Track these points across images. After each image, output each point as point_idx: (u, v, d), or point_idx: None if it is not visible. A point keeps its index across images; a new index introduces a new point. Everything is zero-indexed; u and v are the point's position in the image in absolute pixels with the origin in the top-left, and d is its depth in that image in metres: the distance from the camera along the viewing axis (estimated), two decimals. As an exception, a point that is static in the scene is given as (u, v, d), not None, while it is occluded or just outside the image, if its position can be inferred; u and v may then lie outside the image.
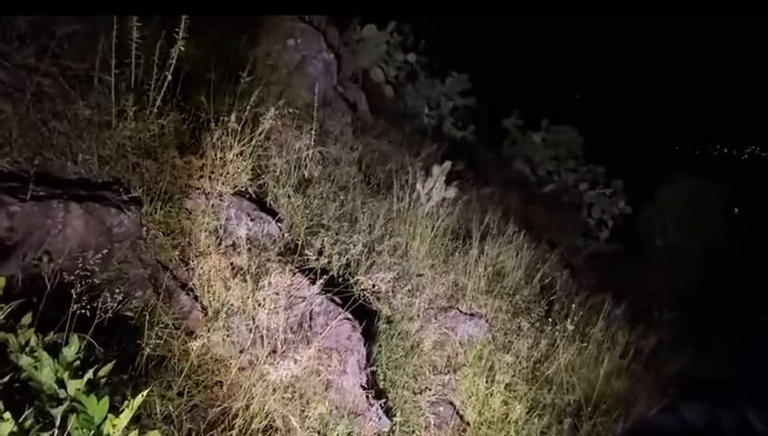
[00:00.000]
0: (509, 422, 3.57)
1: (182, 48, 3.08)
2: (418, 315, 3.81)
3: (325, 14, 5.92)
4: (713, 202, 10.19)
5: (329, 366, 2.81)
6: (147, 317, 2.39)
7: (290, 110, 3.79)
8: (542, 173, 8.74)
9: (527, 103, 9.34)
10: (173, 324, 2.56)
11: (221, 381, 2.57)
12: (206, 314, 2.72)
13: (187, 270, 2.84)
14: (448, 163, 4.70)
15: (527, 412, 3.69)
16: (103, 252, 2.39)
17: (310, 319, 2.96)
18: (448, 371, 3.69)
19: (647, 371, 5.20)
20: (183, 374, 2.43)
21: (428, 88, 7.69)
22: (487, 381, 3.64)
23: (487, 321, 4.06)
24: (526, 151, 8.81)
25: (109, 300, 2.10)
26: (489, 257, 4.49)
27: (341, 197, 4.07)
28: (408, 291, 3.84)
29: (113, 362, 1.76)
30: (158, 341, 2.40)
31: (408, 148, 5.70)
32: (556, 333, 4.27)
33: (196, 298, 2.73)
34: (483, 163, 7.45)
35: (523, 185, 8.02)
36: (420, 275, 4.09)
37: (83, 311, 1.96)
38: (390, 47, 6.99)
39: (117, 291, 2.19)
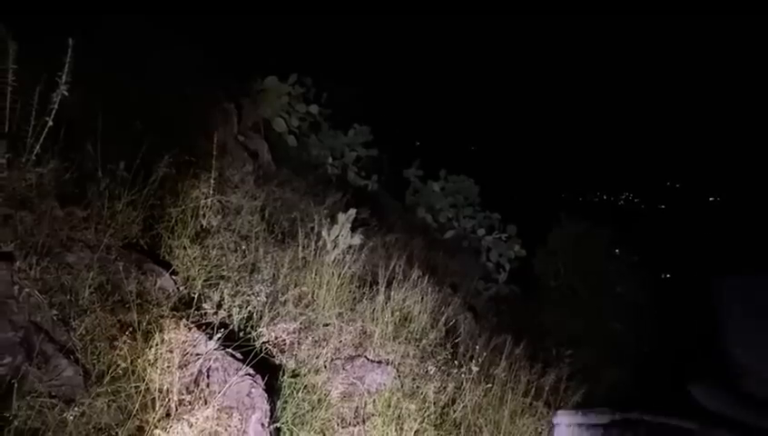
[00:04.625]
0: (420, 471, 3.51)
1: (66, 93, 2.90)
2: (325, 366, 3.71)
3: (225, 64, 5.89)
4: (597, 244, 11.04)
5: (228, 426, 2.63)
6: (16, 386, 2.12)
7: (187, 158, 3.66)
8: (443, 219, 9.05)
9: (427, 153, 9.75)
10: (49, 392, 2.29)
11: (104, 454, 2.31)
12: (88, 378, 2.46)
13: (67, 330, 2.58)
14: (352, 211, 4.74)
15: (437, 459, 3.66)
16: (-36, 314, 2.12)
17: (208, 377, 2.78)
18: (357, 423, 3.59)
19: (548, 407, 5.38)
20: (59, 449, 2.16)
21: (331, 139, 7.80)
22: (396, 430, 3.58)
23: (395, 367, 4.04)
24: (427, 199, 9.12)
25: (-32, 368, 1.84)
26: (396, 302, 4.51)
27: (243, 247, 3.94)
28: (314, 341, 3.74)
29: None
30: (29, 412, 2.13)
31: (313, 197, 5.68)
32: (462, 375, 4.33)
33: (77, 361, 2.47)
34: (387, 211, 7.59)
35: (425, 232, 8.24)
36: (327, 325, 4.01)
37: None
38: (292, 99, 7.06)
39: (-21, 357, 1.93)
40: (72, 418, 2.22)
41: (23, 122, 2.90)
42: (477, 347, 4.69)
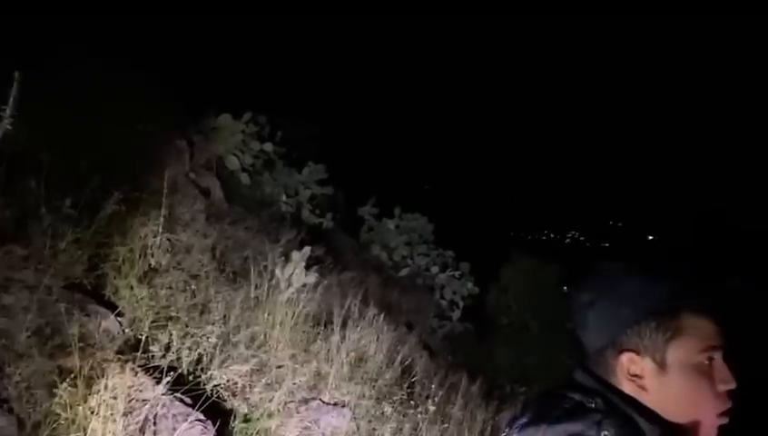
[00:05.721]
0: None
1: (9, 127, 2.80)
2: (279, 410, 3.59)
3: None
4: (547, 281, 11.32)
5: (176, 477, 2.49)
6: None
7: (137, 195, 3.56)
8: (397, 257, 9.09)
9: (381, 192, 9.84)
10: (-23, 447, 2.11)
11: None
12: (23, 429, 2.29)
13: (1, 378, 2.40)
14: (307, 249, 4.70)
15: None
16: None
17: (155, 424, 2.64)
18: (312, 468, 3.47)
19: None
20: (-13, 509, 1.98)
21: (285, 177, 7.77)
22: (352, 475, 3.48)
23: (350, 409, 3.95)
24: (382, 237, 9.16)
25: None
26: (351, 342, 4.45)
27: (193, 287, 3.83)
28: (267, 384, 3.63)
29: None
30: (-47, 470, 1.95)
31: (266, 235, 5.61)
32: (419, 416, 4.28)
33: (11, 410, 2.30)
34: (342, 249, 7.56)
35: (380, 269, 8.24)
36: (280, 366, 3.90)
37: None
38: (246, 136, 7.03)
39: None
40: (3, 474, 2.05)
41: (-40, 156, 2.77)
42: (433, 386, 4.66)
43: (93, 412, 2.45)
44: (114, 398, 2.55)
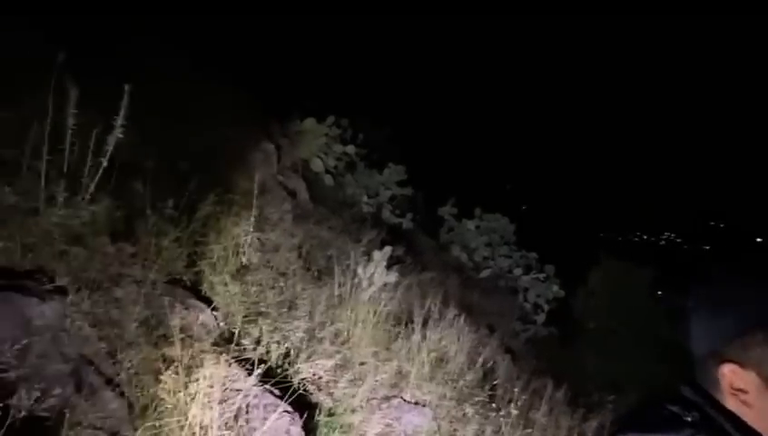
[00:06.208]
0: None
1: (120, 135, 3.07)
2: (361, 406, 3.67)
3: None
4: (638, 285, 10.73)
5: (267, 464, 2.62)
6: (66, 416, 2.17)
7: (229, 196, 3.78)
8: (478, 258, 8.98)
9: (461, 192, 9.76)
10: (95, 424, 2.34)
11: (146, 488, 2.33)
12: (133, 411, 2.51)
13: (113, 363, 2.65)
14: (388, 249, 4.76)
15: (476, 506, 3.53)
16: (20, 345, 2.20)
17: (247, 412, 2.79)
18: (394, 465, 3.52)
19: (592, 455, 5.16)
20: (103, 481, 2.19)
21: (366, 178, 7.92)
22: (433, 474, 3.50)
23: (431, 409, 3.96)
24: (462, 238, 9.08)
25: (24, 398, 1.91)
26: (432, 342, 4.46)
27: (281, 284, 4.00)
28: (350, 380, 3.72)
29: (23, 469, 1.58)
30: (77, 444, 2.18)
31: (349, 235, 5.75)
32: (501, 419, 4.21)
33: (122, 394, 2.53)
34: (422, 249, 7.59)
35: (460, 271, 8.18)
36: (363, 363, 3.99)
37: (-8, 410, 1.77)
38: (329, 139, 7.24)
39: (34, 387, 2.00)
40: (117, 450, 2.26)
41: (80, 163, 3.06)
42: (516, 390, 4.56)
43: (192, 399, 2.64)
44: (211, 386, 2.72)
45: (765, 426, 0.92)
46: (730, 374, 0.94)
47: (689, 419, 0.93)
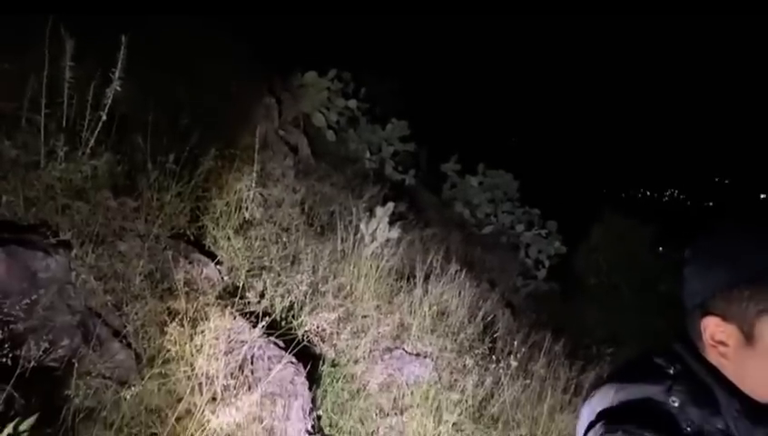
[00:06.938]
0: (458, 463, 3.52)
1: (119, 88, 3.02)
2: (364, 357, 3.75)
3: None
4: (641, 241, 10.75)
5: (272, 412, 2.70)
6: (75, 366, 2.23)
7: (231, 151, 3.76)
8: (480, 215, 8.98)
9: (464, 148, 9.67)
10: (103, 374, 2.40)
11: (156, 434, 2.41)
12: (140, 362, 2.57)
13: (120, 315, 2.69)
14: (390, 205, 4.76)
15: (475, 452, 3.66)
16: (28, 298, 2.24)
17: (252, 363, 2.86)
18: (396, 414, 3.62)
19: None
20: (115, 427, 2.26)
21: (369, 133, 7.84)
22: (434, 422, 3.60)
23: (432, 360, 4.05)
24: (465, 194, 9.06)
25: (33, 348, 1.95)
26: (433, 296, 4.52)
27: (284, 239, 4.02)
28: (353, 332, 3.79)
29: (36, 416, 1.63)
30: (87, 392, 2.24)
31: (351, 190, 5.74)
32: (500, 371, 4.30)
33: (129, 345, 2.58)
34: (424, 205, 7.59)
35: (463, 227, 8.19)
36: (366, 316, 4.05)
37: (3, 360, 1.81)
38: (331, 93, 7.13)
39: (42, 339, 2.04)
40: (126, 398, 2.32)
41: (79, 116, 3.03)
42: (516, 343, 4.65)
43: (198, 350, 2.70)
44: (216, 338, 2.78)
45: (741, 381, 0.93)
46: (713, 326, 0.95)
47: (671, 371, 0.95)
